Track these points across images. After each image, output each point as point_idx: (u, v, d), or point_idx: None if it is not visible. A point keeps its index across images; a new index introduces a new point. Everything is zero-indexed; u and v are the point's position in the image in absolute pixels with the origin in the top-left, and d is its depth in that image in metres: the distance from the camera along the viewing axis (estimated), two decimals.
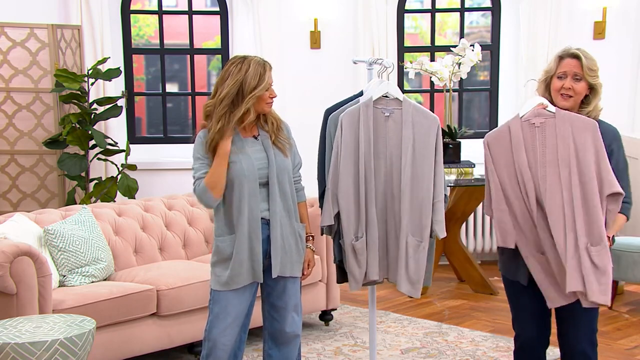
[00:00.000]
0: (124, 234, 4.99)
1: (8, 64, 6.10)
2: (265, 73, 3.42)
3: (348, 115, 3.68)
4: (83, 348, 3.54)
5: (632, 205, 3.44)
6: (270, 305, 3.62)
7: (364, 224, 3.71)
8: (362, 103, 3.70)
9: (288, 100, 6.97)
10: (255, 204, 3.45)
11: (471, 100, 7.77)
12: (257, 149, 3.49)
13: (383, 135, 3.70)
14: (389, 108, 3.69)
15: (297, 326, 3.65)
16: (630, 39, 6.83)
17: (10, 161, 6.18)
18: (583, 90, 3.39)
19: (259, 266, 3.49)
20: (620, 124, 6.82)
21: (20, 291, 3.96)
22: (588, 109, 3.40)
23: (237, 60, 3.44)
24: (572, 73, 3.38)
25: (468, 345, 4.98)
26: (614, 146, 3.38)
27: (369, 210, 3.70)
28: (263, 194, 3.48)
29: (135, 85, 7.19)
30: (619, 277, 5.62)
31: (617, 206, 3.33)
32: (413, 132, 3.67)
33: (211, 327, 3.52)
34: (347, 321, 5.48)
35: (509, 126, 3.39)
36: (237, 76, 3.38)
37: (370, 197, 3.69)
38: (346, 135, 3.67)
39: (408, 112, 3.68)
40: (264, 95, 3.43)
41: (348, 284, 3.83)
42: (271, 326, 3.63)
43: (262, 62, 3.44)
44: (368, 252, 3.73)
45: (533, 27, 6.77)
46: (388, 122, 3.70)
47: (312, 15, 6.92)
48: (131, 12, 7.01)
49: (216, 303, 3.50)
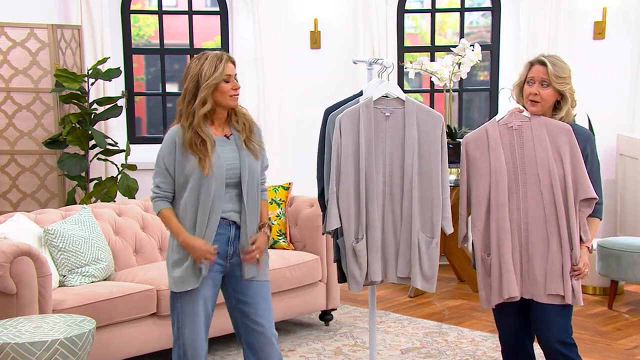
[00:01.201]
0: (124, 234, 4.99)
1: (8, 64, 6.10)
2: (221, 63, 3.41)
3: (347, 115, 3.67)
4: (83, 348, 3.54)
5: (603, 205, 3.50)
6: (240, 312, 3.55)
7: (364, 225, 3.71)
8: (361, 103, 3.69)
9: (288, 100, 6.98)
10: (219, 205, 3.42)
11: (471, 100, 7.77)
12: (227, 149, 3.47)
13: (383, 136, 3.69)
14: (389, 108, 3.69)
15: (271, 327, 3.57)
16: (630, 39, 6.83)
17: (10, 161, 6.18)
18: (550, 96, 3.43)
19: (206, 271, 3.44)
20: (620, 124, 6.94)
21: (20, 291, 3.96)
22: (559, 115, 3.45)
23: (196, 57, 3.46)
24: (540, 79, 3.42)
25: (468, 345, 4.98)
26: (588, 149, 3.45)
27: (370, 211, 3.70)
28: (228, 195, 3.45)
29: (135, 85, 7.19)
30: (619, 277, 5.62)
31: (590, 209, 3.42)
32: (418, 131, 3.67)
33: (182, 328, 3.47)
34: (347, 321, 5.48)
35: (486, 129, 3.48)
36: (195, 70, 3.41)
37: (371, 198, 3.69)
38: (346, 136, 3.66)
39: (412, 111, 3.67)
40: (223, 86, 3.41)
41: (348, 285, 3.83)
42: (247, 334, 3.56)
43: (221, 54, 3.44)
44: (369, 254, 3.72)
45: (533, 27, 6.77)
46: (388, 122, 3.69)
47: (312, 15, 6.92)
48: (131, 12, 7.01)
49: (182, 302, 3.46)
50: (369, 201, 3.69)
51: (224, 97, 3.43)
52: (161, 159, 3.46)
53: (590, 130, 3.58)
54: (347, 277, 3.80)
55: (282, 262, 5.02)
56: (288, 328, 5.34)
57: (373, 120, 3.68)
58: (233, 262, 3.51)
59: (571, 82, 3.44)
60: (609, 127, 6.81)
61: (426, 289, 3.78)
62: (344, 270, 3.82)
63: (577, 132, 3.46)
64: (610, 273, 5.62)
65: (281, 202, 5.37)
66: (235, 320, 3.60)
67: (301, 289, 5.13)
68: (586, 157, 3.43)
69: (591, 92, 6.64)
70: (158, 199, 3.48)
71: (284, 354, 4.82)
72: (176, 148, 3.41)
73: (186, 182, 3.41)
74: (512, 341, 3.62)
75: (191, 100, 3.41)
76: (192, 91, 3.41)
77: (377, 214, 3.71)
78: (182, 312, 3.48)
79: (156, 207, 3.48)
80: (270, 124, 6.88)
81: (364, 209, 3.69)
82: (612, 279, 5.69)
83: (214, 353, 4.82)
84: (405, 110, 3.68)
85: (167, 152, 3.44)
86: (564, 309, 3.45)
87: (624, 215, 6.75)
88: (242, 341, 3.61)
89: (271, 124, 6.89)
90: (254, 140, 3.52)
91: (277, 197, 5.39)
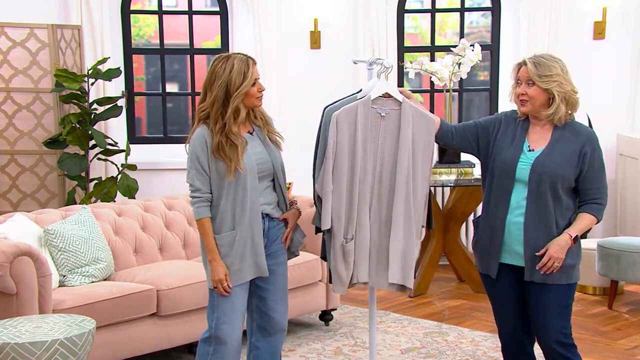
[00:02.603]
0: (124, 234, 4.99)
1: (8, 64, 6.10)
2: (249, 69, 3.47)
3: (345, 113, 3.64)
4: (83, 348, 3.55)
5: (604, 207, 3.49)
6: (258, 297, 3.67)
7: (355, 225, 3.69)
8: (360, 101, 3.68)
9: (288, 100, 6.98)
10: (256, 198, 3.52)
11: (471, 100, 7.77)
12: (254, 144, 3.56)
13: (375, 136, 3.68)
14: (384, 108, 3.68)
15: (285, 316, 3.73)
16: (630, 39, 6.83)
17: (10, 161, 6.18)
18: (537, 94, 3.43)
19: (263, 260, 3.55)
20: (620, 124, 6.94)
21: (20, 291, 3.96)
22: (548, 112, 3.44)
23: (221, 60, 3.49)
24: (525, 78, 3.45)
25: (468, 345, 4.98)
26: (587, 148, 3.43)
27: (362, 211, 3.68)
28: (261, 188, 3.55)
29: (135, 85, 7.19)
30: (619, 277, 5.62)
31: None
32: (412, 133, 3.66)
33: (219, 324, 3.53)
34: (347, 321, 5.48)
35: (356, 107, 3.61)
36: (223, 77, 3.45)
37: (364, 198, 3.67)
38: (342, 133, 3.64)
39: (408, 112, 3.67)
40: (251, 90, 3.49)
41: (332, 286, 3.78)
42: (260, 317, 3.68)
43: (246, 58, 3.50)
44: (357, 254, 3.70)
45: (533, 27, 6.77)
46: (383, 123, 3.68)
47: (312, 15, 6.92)
48: (131, 12, 7.01)
49: (223, 299, 3.52)
50: (361, 201, 3.68)
51: (252, 100, 3.53)
52: (196, 158, 3.48)
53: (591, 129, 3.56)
54: (332, 277, 3.75)
55: None
56: (288, 328, 5.33)
57: (369, 119, 3.67)
58: (265, 252, 3.59)
59: (566, 80, 3.42)
60: (609, 127, 6.81)
61: (404, 282, 3.68)
62: (330, 269, 3.78)
63: (577, 130, 3.45)
64: (610, 273, 5.62)
65: None
66: (249, 305, 3.69)
67: (301, 289, 5.13)
68: (584, 156, 3.41)
69: (591, 92, 6.63)
70: (200, 203, 3.50)
71: (284, 354, 4.83)
72: (207, 148, 3.47)
73: (222, 182, 3.48)
74: (511, 341, 3.62)
75: (221, 107, 3.45)
76: (222, 98, 3.45)
77: (367, 214, 3.69)
78: (220, 308, 3.54)
79: (198, 213, 3.51)
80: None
81: (355, 208, 3.67)
82: (612, 279, 5.69)
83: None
84: (401, 112, 3.67)
85: (201, 151, 3.48)
86: (561, 309, 3.45)
87: (624, 215, 6.75)
88: (253, 325, 3.71)
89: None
90: (274, 132, 3.66)
91: None
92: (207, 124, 3.50)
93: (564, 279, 3.45)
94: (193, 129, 3.54)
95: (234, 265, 3.51)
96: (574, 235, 3.41)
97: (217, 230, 3.52)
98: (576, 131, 3.45)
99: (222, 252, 3.51)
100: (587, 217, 3.46)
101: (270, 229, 3.64)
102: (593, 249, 5.80)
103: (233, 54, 3.53)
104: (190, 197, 3.53)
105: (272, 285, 3.65)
